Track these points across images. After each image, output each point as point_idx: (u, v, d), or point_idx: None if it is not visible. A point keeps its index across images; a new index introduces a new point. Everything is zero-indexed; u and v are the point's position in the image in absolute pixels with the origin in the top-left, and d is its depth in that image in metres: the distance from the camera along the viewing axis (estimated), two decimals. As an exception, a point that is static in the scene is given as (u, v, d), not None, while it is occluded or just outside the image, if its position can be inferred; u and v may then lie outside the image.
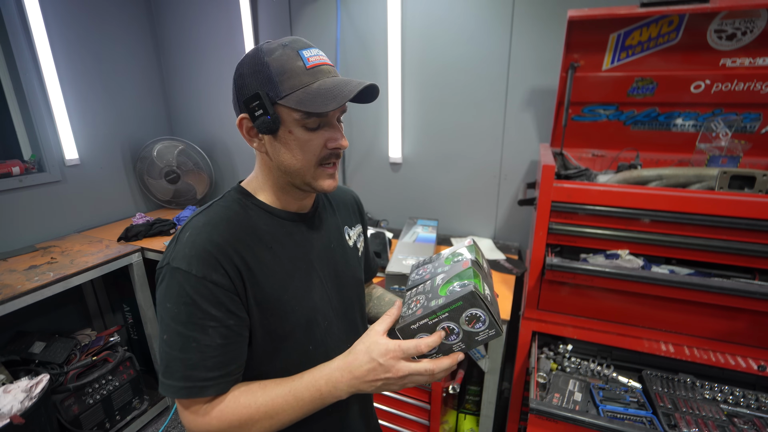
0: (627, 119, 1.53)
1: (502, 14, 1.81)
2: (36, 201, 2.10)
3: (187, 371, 0.62)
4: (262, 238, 0.71)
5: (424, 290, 0.69)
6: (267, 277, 0.69)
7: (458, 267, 0.69)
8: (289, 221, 0.76)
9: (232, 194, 0.75)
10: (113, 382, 1.97)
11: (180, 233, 0.68)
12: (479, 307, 0.60)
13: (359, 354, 0.64)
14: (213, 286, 0.62)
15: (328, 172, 0.71)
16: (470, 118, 2.00)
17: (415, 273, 0.79)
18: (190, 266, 0.62)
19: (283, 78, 0.64)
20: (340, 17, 2.10)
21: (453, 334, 0.63)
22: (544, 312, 1.44)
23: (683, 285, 1.19)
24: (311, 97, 0.63)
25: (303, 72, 0.64)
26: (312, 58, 0.65)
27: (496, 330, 0.62)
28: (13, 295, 1.55)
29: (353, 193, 0.98)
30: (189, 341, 0.62)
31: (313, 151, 0.68)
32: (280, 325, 0.71)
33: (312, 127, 0.66)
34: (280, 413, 0.64)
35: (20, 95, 2.03)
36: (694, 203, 1.15)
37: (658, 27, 1.36)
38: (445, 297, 0.62)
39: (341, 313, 0.82)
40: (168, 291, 0.63)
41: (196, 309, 0.62)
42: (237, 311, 0.65)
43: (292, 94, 0.64)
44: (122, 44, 2.44)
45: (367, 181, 2.33)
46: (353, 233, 0.91)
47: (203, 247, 0.63)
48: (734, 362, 1.22)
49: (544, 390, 1.25)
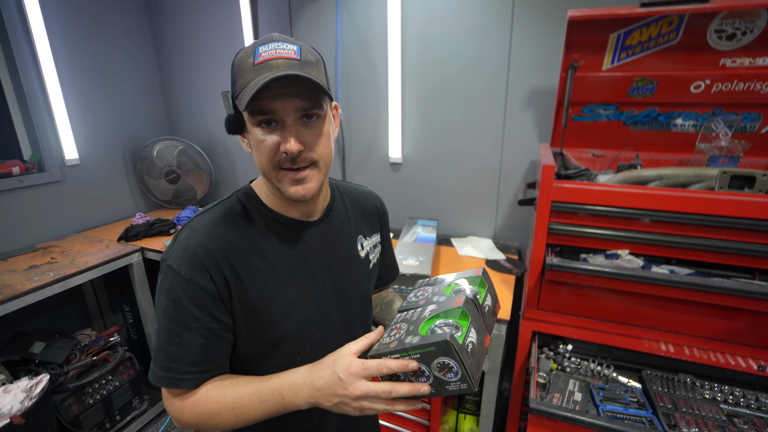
0: (627, 119, 1.53)
1: (502, 14, 1.81)
2: (36, 201, 2.10)
3: (169, 363, 0.65)
4: (258, 245, 0.70)
5: (410, 318, 0.66)
6: (257, 285, 0.69)
7: (450, 303, 0.64)
8: (292, 228, 0.74)
9: (239, 195, 0.74)
10: (113, 382, 1.97)
11: (180, 231, 0.69)
12: (452, 358, 0.55)
13: (324, 366, 0.63)
14: (198, 289, 0.65)
15: (291, 177, 0.66)
16: (470, 118, 2.00)
17: (413, 294, 0.75)
18: (180, 267, 0.64)
19: (238, 76, 0.64)
20: (340, 17, 2.10)
21: (423, 375, 0.59)
22: (544, 312, 1.44)
23: (683, 285, 1.19)
24: (245, 94, 0.61)
25: (250, 69, 0.62)
26: (264, 53, 0.62)
27: (469, 385, 0.56)
28: (13, 295, 1.55)
29: (377, 200, 0.93)
30: (174, 336, 0.65)
31: (266, 153, 0.65)
32: (267, 334, 0.72)
33: (266, 126, 0.64)
34: (244, 411, 0.65)
35: (20, 95, 2.03)
36: (694, 203, 1.15)
37: (658, 27, 1.36)
38: (420, 337, 0.58)
39: (339, 325, 0.80)
40: (162, 286, 0.66)
41: (181, 307, 0.64)
42: (220, 316, 0.67)
43: (241, 92, 0.63)
44: (122, 44, 2.44)
45: (367, 181, 2.33)
46: (367, 243, 0.88)
47: (194, 251, 0.65)
48: (734, 362, 1.22)
49: (544, 390, 1.25)
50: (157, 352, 0.67)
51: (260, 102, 0.61)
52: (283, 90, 0.61)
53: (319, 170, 0.68)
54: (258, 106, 0.62)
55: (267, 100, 0.61)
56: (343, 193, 0.86)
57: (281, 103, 0.62)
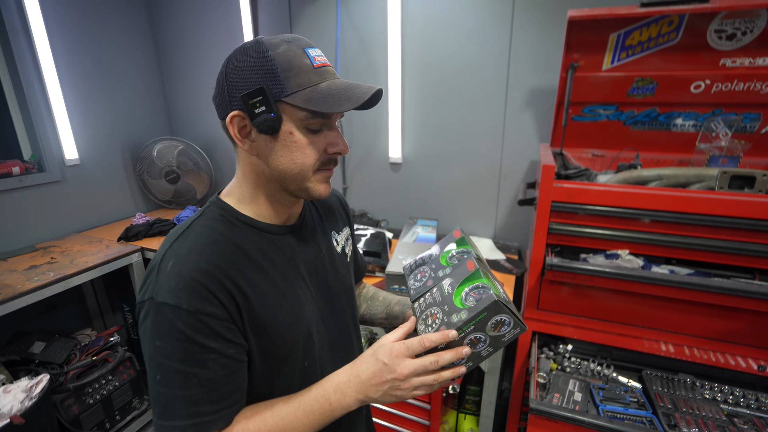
0: (627, 119, 1.53)
1: (502, 14, 1.81)
2: (36, 201, 2.10)
3: (191, 408, 0.58)
4: (252, 258, 0.66)
5: (436, 301, 0.66)
6: (261, 300, 0.65)
7: (464, 269, 0.66)
8: (277, 235, 0.72)
9: (213, 210, 0.68)
10: (113, 382, 1.97)
11: (161, 262, 0.60)
12: (504, 313, 0.59)
13: (366, 358, 0.63)
14: (208, 318, 0.58)
15: (326, 176, 0.68)
16: (470, 118, 2.00)
17: (412, 279, 0.76)
18: (179, 300, 0.56)
19: (290, 75, 0.60)
20: (340, 17, 2.10)
21: (480, 342, 0.62)
22: (544, 312, 1.44)
23: (683, 285, 1.19)
24: (321, 96, 0.60)
25: (311, 70, 0.61)
26: (318, 58, 0.63)
27: (521, 327, 0.61)
28: (13, 295, 1.55)
29: (338, 193, 0.95)
30: (189, 378, 0.58)
31: (314, 154, 0.65)
32: (277, 348, 0.68)
33: (314, 129, 0.64)
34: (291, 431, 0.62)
35: (20, 95, 2.03)
36: (694, 203, 1.15)
37: (658, 27, 1.36)
38: (467, 310, 0.60)
39: (332, 323, 0.80)
40: (156, 329, 0.57)
41: (191, 344, 0.57)
42: (235, 339, 0.62)
43: (300, 92, 0.60)
44: (122, 44, 2.44)
45: (367, 181, 2.33)
46: (341, 238, 0.88)
47: (191, 276, 0.58)
48: (734, 362, 1.22)
49: (544, 390, 1.25)
50: (169, 403, 0.58)
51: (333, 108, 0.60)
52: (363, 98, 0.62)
53: None
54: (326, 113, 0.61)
55: None
56: None
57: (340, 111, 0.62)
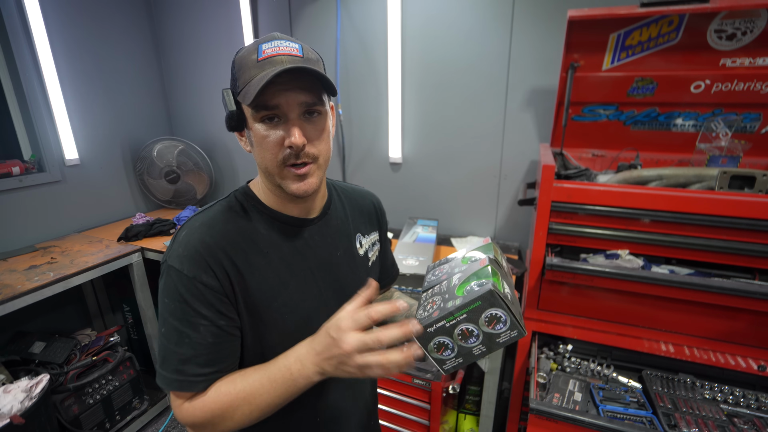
0: (627, 119, 1.53)
1: (502, 14, 1.81)
2: (36, 201, 2.10)
3: (180, 365, 0.64)
4: (258, 242, 0.70)
5: (440, 291, 0.66)
6: (258, 283, 0.68)
7: (476, 266, 0.65)
8: (292, 226, 0.74)
9: (237, 194, 0.74)
10: (113, 382, 1.97)
11: (178, 231, 0.69)
12: (499, 307, 0.57)
13: (321, 331, 0.62)
14: (203, 286, 0.64)
15: (294, 173, 0.66)
16: (470, 118, 2.00)
17: (431, 274, 0.75)
18: (182, 265, 0.64)
19: (240, 73, 0.65)
20: (340, 17, 2.10)
21: (472, 336, 0.59)
22: (544, 312, 1.44)
23: (683, 285, 1.19)
24: (251, 89, 0.62)
25: (254, 65, 0.63)
26: (268, 50, 0.63)
27: (519, 331, 0.58)
28: (13, 295, 1.55)
29: (374, 198, 0.94)
30: (183, 336, 0.64)
31: (270, 148, 0.65)
32: (269, 333, 0.71)
33: (269, 122, 0.65)
34: (257, 397, 0.63)
35: (20, 95, 2.03)
36: (694, 203, 1.15)
37: (658, 27, 1.36)
38: (462, 297, 0.59)
39: None
40: (165, 287, 0.65)
41: (188, 307, 0.63)
42: (227, 312, 0.66)
43: (244, 88, 0.64)
44: (122, 44, 2.44)
45: (367, 181, 2.33)
46: (366, 241, 0.87)
47: (194, 247, 0.65)
48: (734, 362, 1.22)
49: (544, 390, 1.25)
50: (166, 355, 0.65)
51: (265, 97, 0.62)
52: (288, 85, 0.62)
53: (319, 167, 0.69)
54: (263, 101, 0.62)
55: (272, 94, 0.62)
56: (340, 192, 0.87)
57: (286, 98, 0.63)
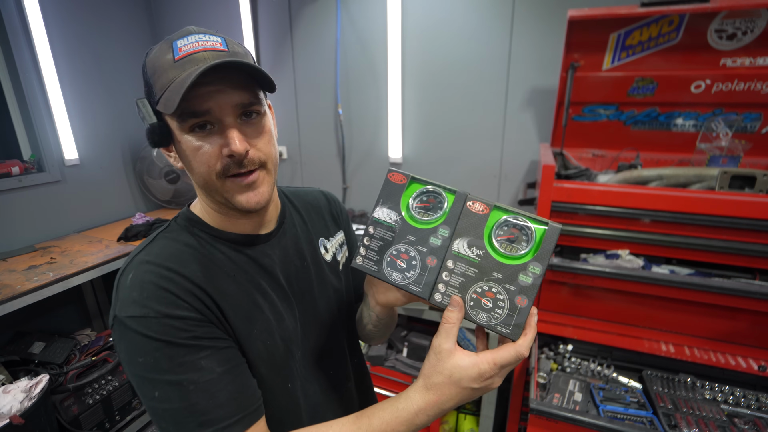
0: (627, 119, 1.53)
1: (502, 14, 1.80)
2: (36, 201, 2.10)
3: (202, 417, 0.51)
4: (221, 267, 0.60)
5: (472, 276, 0.55)
6: (234, 310, 0.59)
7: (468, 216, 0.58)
8: (249, 245, 0.65)
9: (179, 222, 0.63)
10: (113, 383, 1.97)
11: (121, 278, 0.56)
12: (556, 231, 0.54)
13: (444, 388, 0.53)
14: (179, 321, 0.52)
15: (240, 183, 0.57)
16: (470, 118, 2.00)
17: (394, 272, 0.60)
18: (144, 309, 0.51)
19: (155, 78, 0.55)
20: (340, 17, 2.10)
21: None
22: (544, 312, 1.44)
23: (683, 285, 1.19)
24: (172, 95, 0.51)
25: (170, 66, 0.53)
26: (185, 47, 0.54)
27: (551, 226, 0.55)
28: (13, 295, 1.55)
29: (326, 194, 0.85)
30: (185, 386, 0.51)
31: (206, 161, 0.55)
32: (254, 367, 0.60)
33: (200, 131, 0.55)
34: None
35: (20, 95, 2.03)
36: (695, 203, 1.15)
37: (658, 27, 1.36)
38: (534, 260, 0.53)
39: (317, 338, 0.73)
40: (131, 346, 0.52)
41: (173, 349, 0.51)
42: (220, 335, 0.56)
43: (163, 95, 0.53)
44: (122, 44, 2.44)
45: (367, 181, 2.33)
46: (331, 245, 0.80)
47: (152, 284, 0.53)
48: (734, 362, 1.22)
49: (544, 390, 1.25)
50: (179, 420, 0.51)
51: (192, 102, 0.52)
52: (217, 85, 0.53)
53: (268, 172, 0.61)
54: (190, 107, 0.52)
55: (200, 98, 0.52)
56: (292, 198, 0.79)
57: (217, 101, 0.53)
